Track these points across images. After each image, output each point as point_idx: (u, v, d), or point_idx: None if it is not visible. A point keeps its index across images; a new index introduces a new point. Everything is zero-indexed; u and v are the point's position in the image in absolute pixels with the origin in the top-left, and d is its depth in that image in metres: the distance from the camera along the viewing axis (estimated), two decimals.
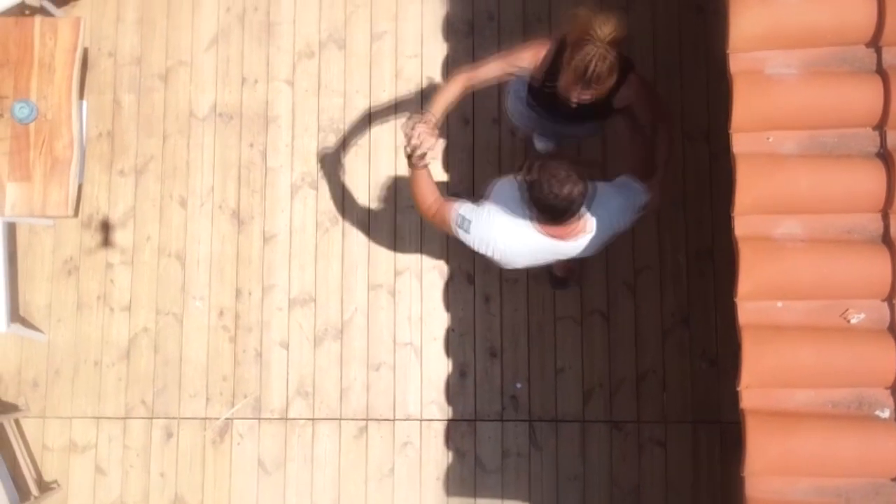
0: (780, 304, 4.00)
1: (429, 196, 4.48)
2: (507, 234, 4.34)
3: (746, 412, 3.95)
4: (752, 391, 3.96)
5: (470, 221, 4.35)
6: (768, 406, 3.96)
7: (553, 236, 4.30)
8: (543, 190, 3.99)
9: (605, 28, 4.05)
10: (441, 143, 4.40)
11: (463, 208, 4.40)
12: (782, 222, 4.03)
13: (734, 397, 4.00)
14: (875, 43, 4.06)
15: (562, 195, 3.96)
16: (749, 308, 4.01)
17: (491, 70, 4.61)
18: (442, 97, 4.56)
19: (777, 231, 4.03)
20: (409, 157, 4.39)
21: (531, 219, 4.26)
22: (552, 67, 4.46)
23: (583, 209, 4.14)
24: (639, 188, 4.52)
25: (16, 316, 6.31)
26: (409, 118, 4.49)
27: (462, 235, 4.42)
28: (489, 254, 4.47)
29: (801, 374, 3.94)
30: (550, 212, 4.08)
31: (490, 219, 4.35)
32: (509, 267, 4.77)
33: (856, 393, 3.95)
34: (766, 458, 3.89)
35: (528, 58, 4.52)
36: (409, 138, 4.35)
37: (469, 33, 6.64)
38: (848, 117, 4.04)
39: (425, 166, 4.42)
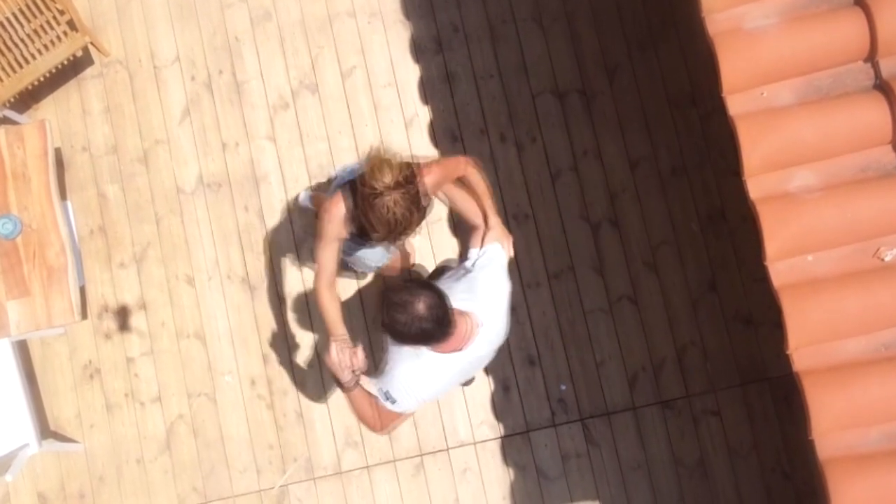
0: (810, 257, 3.94)
1: (368, 409, 4.27)
2: (419, 377, 4.07)
3: (801, 374, 3.88)
4: (802, 351, 3.89)
5: (389, 392, 4.08)
6: (821, 363, 3.90)
7: (454, 350, 4.02)
8: (398, 326, 3.73)
9: (385, 177, 3.84)
10: (362, 357, 4.23)
11: (376, 390, 4.15)
12: (795, 175, 3.97)
13: (777, 352, 3.93)
14: None
15: (416, 317, 3.70)
16: (780, 268, 3.95)
17: (328, 261, 4.40)
18: (330, 316, 4.39)
19: (791, 185, 3.97)
20: (342, 384, 4.25)
21: (424, 350, 4.01)
22: (359, 228, 4.25)
23: (454, 311, 3.88)
24: (494, 250, 4.36)
25: (47, 432, 6.25)
26: (328, 357, 4.27)
27: (402, 407, 4.14)
28: (427, 399, 4.19)
29: (847, 324, 3.87)
30: (426, 336, 3.79)
31: (397, 376, 4.07)
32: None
33: None
34: (830, 415, 3.82)
35: (334, 227, 4.31)
36: (341, 370, 4.21)
37: (438, 50, 6.61)
38: (837, 55, 3.99)
39: (358, 384, 4.27)
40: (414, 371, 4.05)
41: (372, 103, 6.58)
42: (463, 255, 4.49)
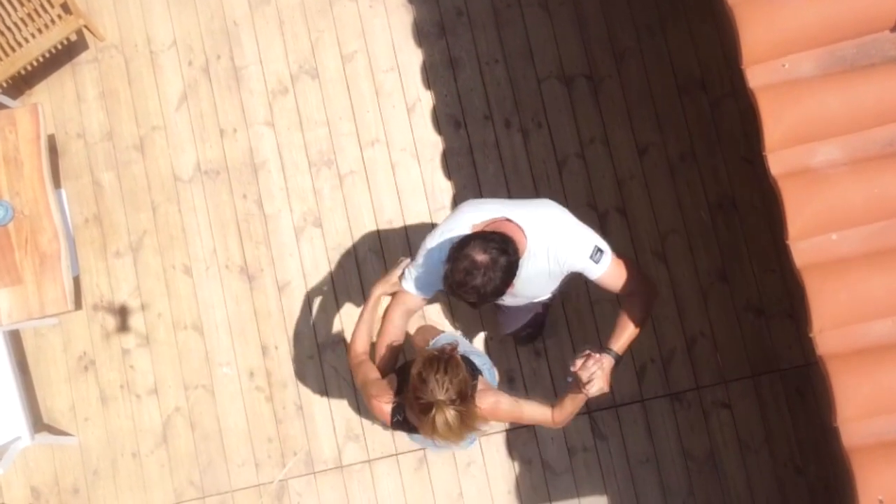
0: (834, 236, 3.80)
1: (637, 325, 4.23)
2: (569, 224, 4.19)
3: (825, 358, 3.74)
4: (827, 334, 3.75)
5: (595, 245, 4.21)
6: (847, 346, 3.75)
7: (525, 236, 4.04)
8: (499, 279, 3.71)
9: (443, 393, 3.66)
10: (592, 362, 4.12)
11: (589, 255, 4.22)
12: (819, 149, 3.83)
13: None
14: None
15: (489, 265, 3.65)
16: (803, 248, 3.81)
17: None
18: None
19: (815, 160, 3.83)
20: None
21: (529, 241, 4.03)
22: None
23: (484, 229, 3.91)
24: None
25: (40, 425, 6.17)
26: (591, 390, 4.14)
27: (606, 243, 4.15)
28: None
29: (873, 305, 3.73)
30: (511, 261, 3.78)
31: (571, 234, 4.19)
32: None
33: None
34: (857, 401, 3.69)
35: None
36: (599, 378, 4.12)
37: (441, 35, 6.50)
38: (862, 24, 3.85)
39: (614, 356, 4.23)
40: (563, 229, 4.18)
41: (373, 88, 6.48)
42: None
